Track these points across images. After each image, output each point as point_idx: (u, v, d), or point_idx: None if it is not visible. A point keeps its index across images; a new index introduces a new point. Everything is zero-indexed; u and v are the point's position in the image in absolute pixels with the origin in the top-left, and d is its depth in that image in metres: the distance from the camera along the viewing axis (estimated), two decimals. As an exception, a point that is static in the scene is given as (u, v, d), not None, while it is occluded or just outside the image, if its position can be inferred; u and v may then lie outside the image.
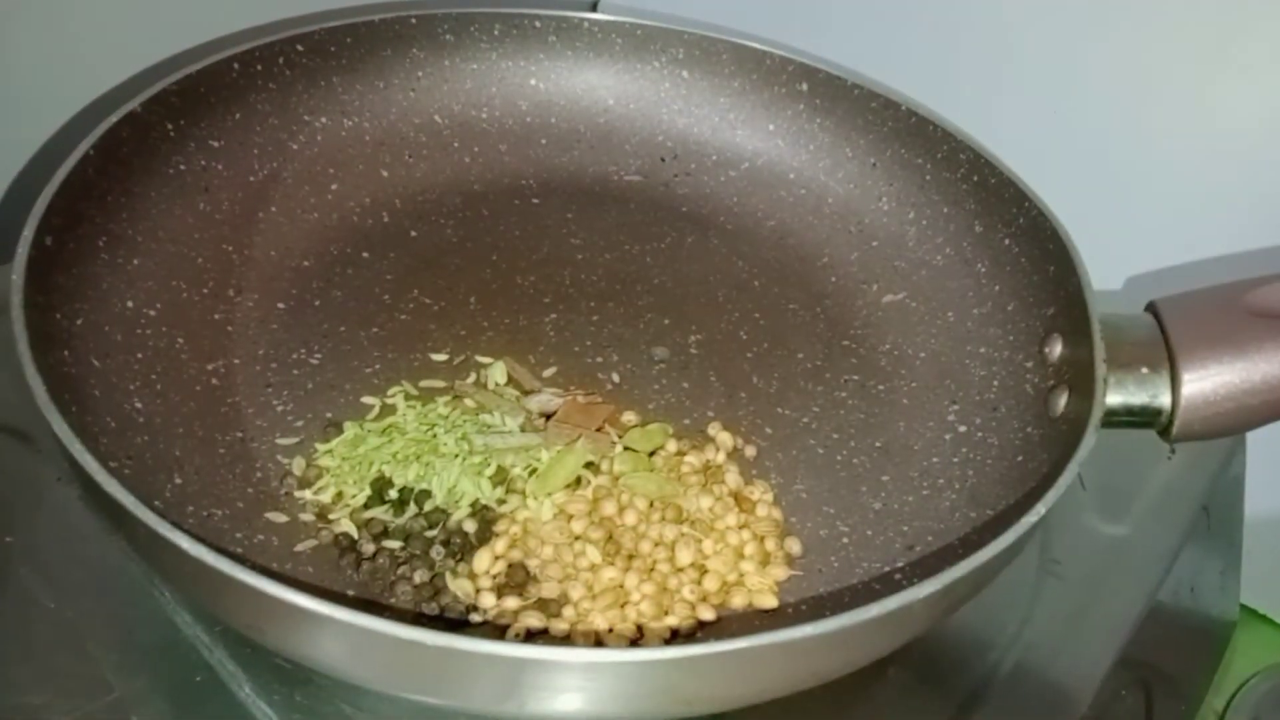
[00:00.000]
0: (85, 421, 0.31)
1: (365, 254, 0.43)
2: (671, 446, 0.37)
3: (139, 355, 0.36)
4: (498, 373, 0.39)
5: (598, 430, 0.37)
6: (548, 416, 0.37)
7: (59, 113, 0.44)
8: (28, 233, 0.33)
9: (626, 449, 0.37)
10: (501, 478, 0.35)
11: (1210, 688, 0.50)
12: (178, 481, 0.33)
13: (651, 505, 0.35)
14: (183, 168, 0.41)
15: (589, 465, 0.36)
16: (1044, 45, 0.46)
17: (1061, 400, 0.35)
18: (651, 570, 0.33)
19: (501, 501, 0.34)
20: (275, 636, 0.26)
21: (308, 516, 0.34)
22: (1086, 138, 0.46)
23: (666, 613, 0.32)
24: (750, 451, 0.38)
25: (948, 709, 0.35)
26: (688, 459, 0.37)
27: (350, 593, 0.32)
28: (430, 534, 0.33)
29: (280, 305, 0.40)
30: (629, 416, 0.38)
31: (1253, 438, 0.46)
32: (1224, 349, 0.33)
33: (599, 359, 0.41)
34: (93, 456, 0.27)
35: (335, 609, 0.24)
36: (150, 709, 0.31)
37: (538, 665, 0.24)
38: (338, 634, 0.24)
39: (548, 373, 0.40)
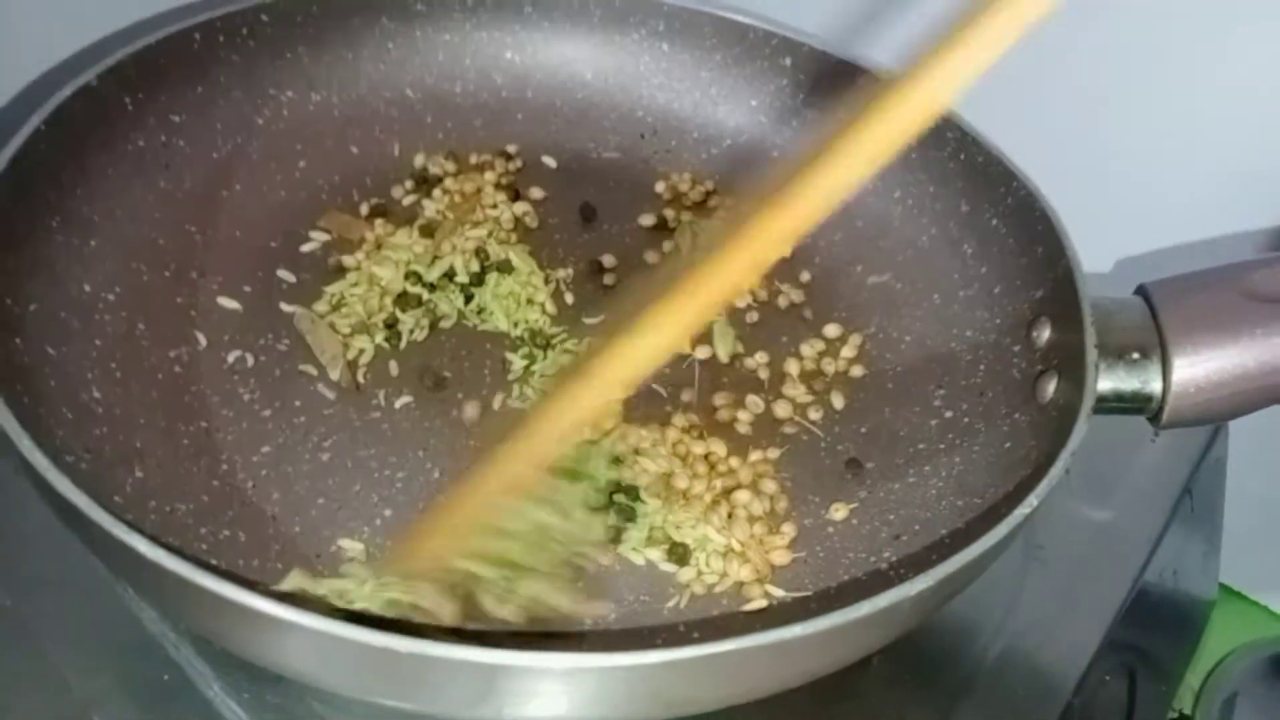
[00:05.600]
0: (39, 413, 0.30)
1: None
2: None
3: (97, 342, 0.34)
4: None
5: None
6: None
7: (7, 85, 0.42)
8: (-26, 212, 0.31)
9: None
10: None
11: (1188, 667, 0.50)
12: (139, 475, 0.32)
13: None
14: (141, 144, 0.39)
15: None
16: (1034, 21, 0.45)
17: (1050, 386, 0.35)
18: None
19: None
20: (239, 642, 0.25)
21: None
22: (1076, 116, 0.45)
23: None
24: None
25: (934, 698, 0.35)
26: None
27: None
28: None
29: (246, 288, 0.39)
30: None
31: (1235, 420, 0.45)
32: (1216, 333, 0.33)
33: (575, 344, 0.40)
34: (43, 453, 0.25)
35: (302, 614, 0.23)
36: (113, 709, 0.30)
37: (514, 671, 0.23)
38: (305, 640, 0.23)
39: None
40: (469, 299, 0.40)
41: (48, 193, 0.35)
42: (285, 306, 0.39)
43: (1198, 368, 0.33)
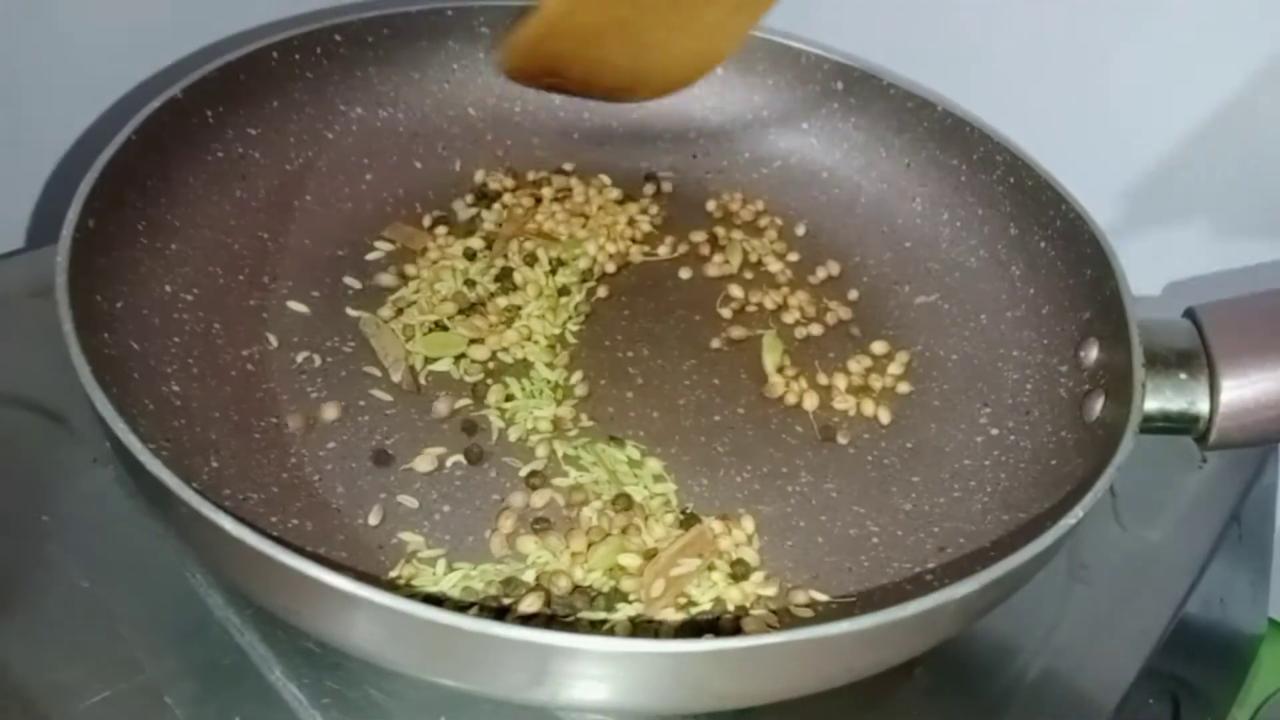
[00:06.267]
0: (125, 403, 0.31)
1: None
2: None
3: (176, 339, 0.36)
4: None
5: None
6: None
7: (101, 99, 0.45)
8: (71, 215, 0.33)
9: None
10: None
11: (1235, 701, 0.49)
12: (214, 465, 0.33)
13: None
14: (221, 155, 0.41)
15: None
16: (1082, 45, 0.46)
17: (1097, 405, 0.35)
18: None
19: None
20: (311, 619, 0.27)
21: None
22: (1125, 140, 0.46)
23: None
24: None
25: (973, 712, 0.35)
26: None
27: (385, 576, 0.32)
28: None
29: (314, 293, 0.41)
30: (655, 414, 0.38)
31: (1286, 449, 0.45)
32: (1265, 356, 0.33)
33: (629, 353, 0.41)
34: (136, 438, 0.27)
35: (374, 592, 0.24)
36: (181, 690, 0.32)
37: (568, 653, 0.24)
38: (374, 617, 0.25)
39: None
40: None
41: (135, 199, 0.37)
42: (351, 311, 0.40)
43: (1245, 389, 0.33)
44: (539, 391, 0.38)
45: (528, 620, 0.30)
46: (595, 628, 0.31)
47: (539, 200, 0.46)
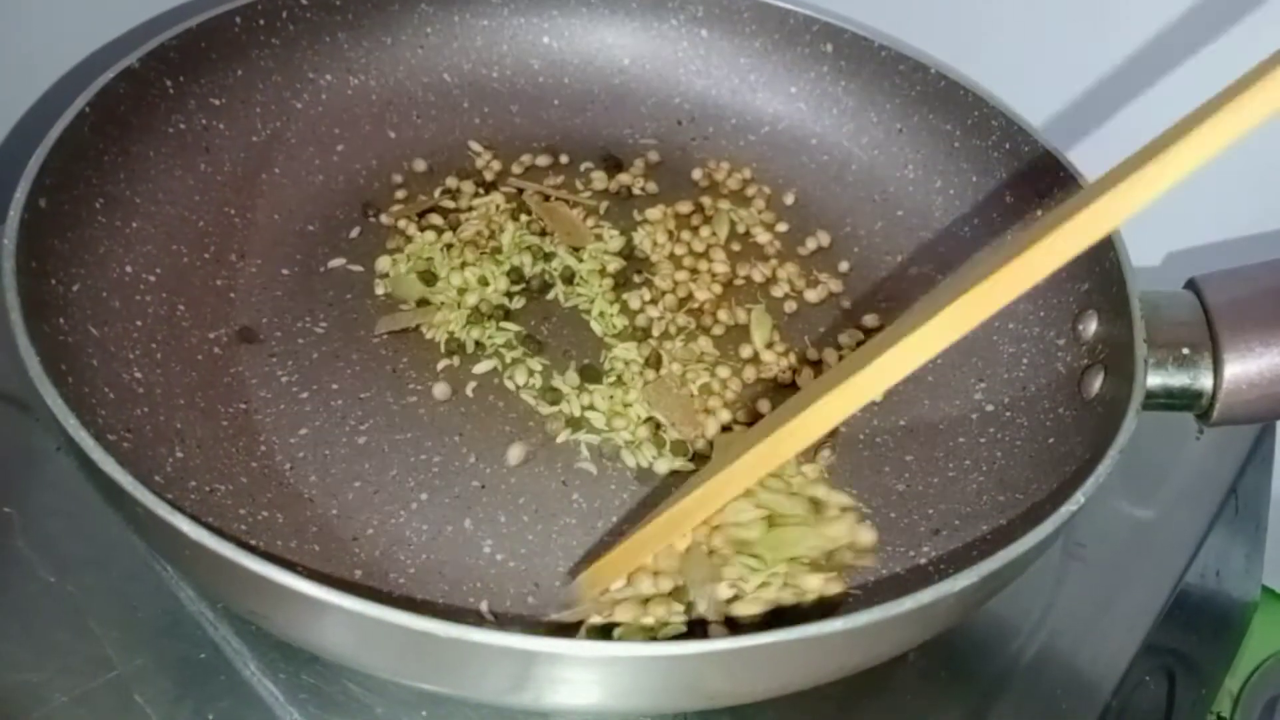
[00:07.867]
0: (83, 393, 0.30)
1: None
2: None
3: (138, 323, 0.35)
4: None
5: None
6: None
7: (52, 69, 0.43)
8: (20, 194, 0.31)
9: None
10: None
11: (1228, 671, 0.49)
12: (179, 455, 0.32)
13: None
14: (183, 127, 0.39)
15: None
16: (1079, 8, 0.44)
17: (1096, 381, 0.34)
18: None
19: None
20: (281, 624, 0.25)
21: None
22: (1124, 106, 0.44)
23: None
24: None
25: (970, 695, 0.34)
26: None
27: (358, 574, 0.31)
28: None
29: (284, 271, 0.39)
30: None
31: (1283, 418, 0.44)
32: (1270, 329, 0.32)
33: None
34: (89, 432, 0.25)
35: (344, 598, 0.23)
36: (153, 687, 0.31)
37: (552, 659, 0.23)
38: (345, 623, 0.23)
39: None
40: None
41: (91, 175, 0.35)
42: (320, 288, 0.39)
43: (1250, 364, 0.32)
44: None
45: (507, 621, 0.29)
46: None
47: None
